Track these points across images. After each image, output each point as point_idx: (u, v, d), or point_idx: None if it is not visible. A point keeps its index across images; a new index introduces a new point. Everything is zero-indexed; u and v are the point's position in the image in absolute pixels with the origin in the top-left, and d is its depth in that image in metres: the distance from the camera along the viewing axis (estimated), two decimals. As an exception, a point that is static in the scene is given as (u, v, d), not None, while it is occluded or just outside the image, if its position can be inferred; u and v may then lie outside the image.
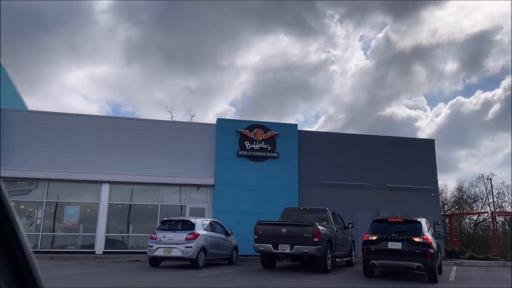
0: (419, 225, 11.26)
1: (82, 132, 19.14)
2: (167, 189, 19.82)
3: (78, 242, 19.02)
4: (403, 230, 11.17)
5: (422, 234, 10.88)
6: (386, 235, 11.10)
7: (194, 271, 12.39)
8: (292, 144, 20.98)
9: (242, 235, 16.63)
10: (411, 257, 10.63)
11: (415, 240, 10.74)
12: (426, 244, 10.65)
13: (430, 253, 10.52)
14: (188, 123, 25.57)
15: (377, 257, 11.11)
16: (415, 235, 10.86)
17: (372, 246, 11.24)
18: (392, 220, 11.89)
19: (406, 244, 10.72)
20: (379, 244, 11.07)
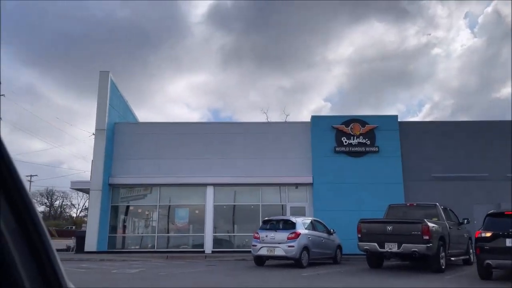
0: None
1: (188, 139, 20.46)
2: (267, 189, 20.18)
3: (189, 242, 20.33)
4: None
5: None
6: (503, 231, 9.79)
7: (298, 270, 12.39)
8: (393, 137, 19.85)
9: (345, 234, 16.19)
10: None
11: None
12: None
13: None
14: (283, 123, 25.76)
15: (494, 256, 9.83)
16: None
17: (486, 244, 10.03)
18: (510, 214, 10.35)
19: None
20: (495, 241, 9.85)
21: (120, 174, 19.81)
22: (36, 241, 0.66)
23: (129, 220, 21.08)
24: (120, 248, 19.96)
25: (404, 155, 19.69)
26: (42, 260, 0.65)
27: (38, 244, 0.66)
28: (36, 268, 0.64)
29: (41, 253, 0.66)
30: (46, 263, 0.65)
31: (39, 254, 0.65)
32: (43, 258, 0.65)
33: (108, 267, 13.47)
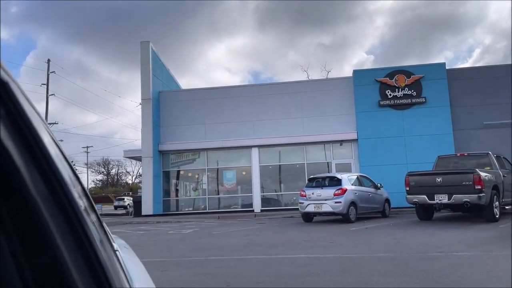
0: None
1: (231, 102, 20.76)
2: (311, 147, 20.25)
3: (239, 202, 21.05)
4: None
5: None
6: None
7: (346, 225, 12.61)
8: (441, 86, 19.03)
9: (394, 188, 16.12)
10: None
11: None
12: None
13: None
14: (324, 80, 25.32)
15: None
16: None
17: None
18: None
19: None
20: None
21: (169, 140, 20.58)
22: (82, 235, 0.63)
23: (181, 184, 22.06)
24: (175, 210, 21.08)
25: (453, 104, 18.90)
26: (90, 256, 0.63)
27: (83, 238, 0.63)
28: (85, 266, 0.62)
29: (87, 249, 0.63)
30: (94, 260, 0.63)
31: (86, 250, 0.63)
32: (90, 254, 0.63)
33: (164, 228, 14.36)
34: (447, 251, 7.43)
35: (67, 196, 0.63)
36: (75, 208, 0.64)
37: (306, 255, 7.53)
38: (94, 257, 0.64)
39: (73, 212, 0.64)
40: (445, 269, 6.09)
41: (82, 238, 0.63)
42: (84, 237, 0.63)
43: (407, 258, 6.93)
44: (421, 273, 5.87)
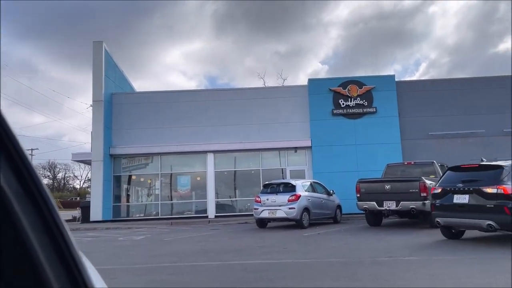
0: (498, 172, 8.50)
1: (186, 106, 20.49)
2: (266, 153, 20.41)
3: (192, 208, 20.76)
4: (475, 179, 8.73)
5: (499, 183, 8.19)
6: (453, 187, 8.95)
7: (299, 230, 12.78)
8: (390, 97, 19.87)
9: (345, 194, 16.58)
10: (481, 213, 8.30)
11: (486, 191, 8.27)
12: (502, 195, 8.05)
13: (509, 207, 7.91)
14: (280, 87, 25.67)
15: (442, 214, 9.05)
16: (488, 184, 8.33)
17: (437, 200, 9.27)
18: (466, 167, 9.36)
19: (474, 197, 8.47)
20: (445, 197, 9.06)
21: (121, 144, 19.95)
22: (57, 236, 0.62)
23: (132, 189, 21.43)
24: (125, 216, 20.42)
25: (402, 115, 19.79)
26: (65, 256, 0.62)
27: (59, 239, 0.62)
28: (61, 266, 0.61)
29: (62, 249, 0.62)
30: (70, 259, 0.62)
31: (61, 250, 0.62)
32: (65, 254, 0.62)
33: (114, 235, 13.86)
34: (395, 255, 7.71)
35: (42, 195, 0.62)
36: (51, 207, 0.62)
37: (260, 261, 7.53)
38: (69, 255, 0.62)
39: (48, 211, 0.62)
40: (393, 273, 6.31)
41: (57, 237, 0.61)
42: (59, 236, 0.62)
43: (358, 263, 7.11)
44: (371, 277, 6.05)
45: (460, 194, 8.74)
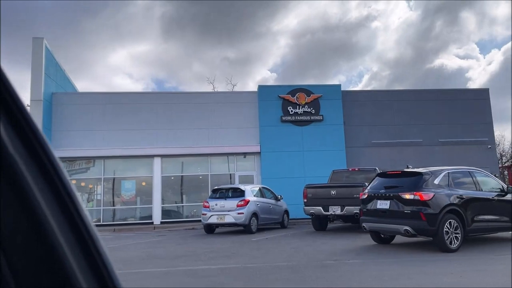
0: (416, 179, 8.78)
1: (133, 109, 19.86)
2: (215, 158, 20.29)
3: (136, 214, 20.11)
4: (396, 185, 8.99)
5: (416, 190, 8.45)
6: (377, 192, 9.21)
7: (247, 235, 12.81)
8: (336, 106, 20.57)
9: (292, 200, 16.87)
10: (399, 218, 8.55)
11: (404, 197, 8.52)
12: (418, 201, 8.32)
13: (425, 213, 8.20)
14: (230, 93, 25.72)
15: (368, 219, 9.29)
16: (406, 191, 8.59)
17: (364, 206, 9.53)
18: (390, 174, 9.67)
19: (394, 203, 8.73)
20: (370, 203, 9.29)
21: (61, 146, 18.91)
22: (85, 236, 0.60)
23: (73, 194, 20.33)
24: (64, 223, 19.33)
25: (346, 123, 20.54)
26: (93, 254, 0.59)
27: (88, 239, 0.60)
28: (88, 265, 0.59)
29: (89, 246, 0.59)
30: (98, 259, 0.60)
31: (90, 251, 0.59)
32: (93, 253, 0.59)
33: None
34: (340, 259, 7.96)
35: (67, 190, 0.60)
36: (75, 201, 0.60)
37: (209, 266, 7.46)
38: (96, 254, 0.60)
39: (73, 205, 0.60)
40: (339, 275, 6.51)
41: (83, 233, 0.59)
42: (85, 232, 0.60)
43: (305, 266, 7.25)
44: (318, 280, 6.19)
45: (383, 200, 8.99)
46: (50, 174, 0.59)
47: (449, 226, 8.30)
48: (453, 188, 8.82)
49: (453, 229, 8.34)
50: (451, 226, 8.33)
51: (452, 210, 8.46)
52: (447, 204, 8.41)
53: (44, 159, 0.59)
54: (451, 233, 8.31)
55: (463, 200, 8.71)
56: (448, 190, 8.70)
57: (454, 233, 8.36)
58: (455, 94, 22.08)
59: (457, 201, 8.60)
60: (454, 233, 8.36)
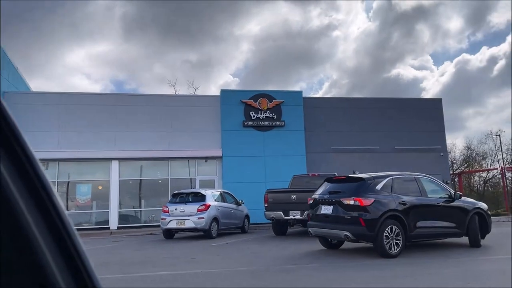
0: (358, 184, 8.81)
1: (90, 110, 19.20)
2: (176, 163, 19.98)
3: (92, 219, 19.41)
4: (339, 190, 9.00)
5: (357, 195, 8.49)
6: (322, 198, 9.23)
7: (208, 240, 12.67)
8: (297, 112, 20.86)
9: (253, 204, 16.89)
10: (341, 224, 8.55)
11: (345, 202, 8.55)
12: (358, 207, 8.34)
13: (364, 219, 8.20)
14: (192, 96, 25.47)
15: (313, 224, 9.30)
16: (347, 196, 8.61)
17: (311, 211, 9.59)
18: (336, 179, 9.68)
19: (336, 208, 8.73)
20: (315, 208, 9.32)
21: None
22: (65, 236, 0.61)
23: (23, 198, 19.35)
24: (13, 228, 18.34)
25: (307, 129, 20.86)
26: (73, 257, 0.60)
27: (67, 239, 0.61)
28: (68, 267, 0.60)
29: (70, 249, 0.61)
30: (78, 261, 0.61)
31: (69, 251, 0.61)
32: (73, 255, 0.61)
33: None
34: (299, 263, 8.03)
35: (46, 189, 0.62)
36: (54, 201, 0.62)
37: (167, 272, 7.29)
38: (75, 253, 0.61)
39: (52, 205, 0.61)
40: (298, 279, 6.56)
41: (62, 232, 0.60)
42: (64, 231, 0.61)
43: (265, 271, 7.25)
44: (278, 285, 6.20)
45: (326, 205, 8.96)
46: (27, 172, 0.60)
47: (389, 231, 8.29)
48: (396, 194, 8.78)
49: (394, 235, 8.32)
50: (392, 231, 8.32)
51: (393, 216, 8.43)
52: (388, 210, 8.37)
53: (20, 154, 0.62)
54: (392, 239, 8.29)
55: (406, 206, 8.66)
56: (390, 196, 8.67)
57: (395, 239, 8.34)
58: (410, 103, 23.00)
59: (399, 207, 8.56)
60: (395, 239, 8.34)
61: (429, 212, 9.12)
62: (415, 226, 8.71)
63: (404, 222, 8.48)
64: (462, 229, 9.46)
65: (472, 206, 9.88)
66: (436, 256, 8.55)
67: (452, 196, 9.64)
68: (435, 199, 9.42)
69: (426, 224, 8.95)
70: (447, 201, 9.52)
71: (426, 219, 8.97)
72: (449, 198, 9.61)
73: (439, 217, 9.25)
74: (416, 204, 8.92)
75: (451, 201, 9.56)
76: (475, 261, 7.95)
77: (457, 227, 9.43)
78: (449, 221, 9.34)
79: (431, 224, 9.07)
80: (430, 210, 9.15)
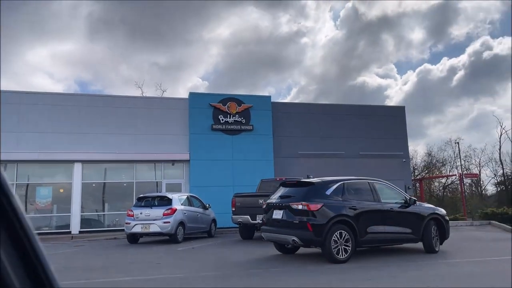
0: (307, 189, 8.72)
1: (52, 111, 18.55)
2: (141, 166, 19.60)
3: (52, 223, 18.71)
4: (290, 195, 8.91)
5: (305, 200, 8.36)
6: (274, 202, 9.12)
7: (173, 245, 12.48)
8: (266, 116, 20.97)
9: (220, 208, 16.80)
10: (290, 228, 8.44)
11: (294, 207, 8.44)
12: (306, 212, 8.22)
13: (311, 224, 8.09)
14: (160, 98, 25.09)
15: (266, 228, 9.20)
16: (297, 200, 8.50)
17: (264, 215, 9.51)
18: (289, 183, 9.62)
19: (286, 213, 8.62)
20: (269, 213, 9.23)
21: (-35, 148, 17.09)
22: (22, 237, 0.61)
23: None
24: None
25: (275, 134, 21.01)
26: (31, 257, 0.60)
27: (24, 240, 0.61)
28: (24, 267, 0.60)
29: (28, 250, 0.61)
30: (35, 261, 0.61)
31: (27, 251, 0.61)
32: (31, 256, 0.61)
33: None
34: (265, 267, 8.04)
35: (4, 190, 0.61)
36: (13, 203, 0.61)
37: (131, 277, 7.12)
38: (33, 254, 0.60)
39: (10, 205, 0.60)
40: (265, 283, 6.56)
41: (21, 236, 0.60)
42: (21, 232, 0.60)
43: (231, 276, 7.22)
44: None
45: (278, 210, 8.85)
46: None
47: (338, 236, 8.18)
48: (346, 198, 8.68)
49: (343, 240, 8.20)
50: (341, 237, 8.20)
51: (343, 221, 8.32)
52: (337, 215, 8.26)
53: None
54: (340, 244, 8.18)
55: (356, 211, 8.53)
56: (341, 200, 8.58)
57: (344, 244, 8.22)
58: (375, 110, 23.63)
59: (349, 212, 8.44)
60: (344, 244, 8.22)
61: (382, 217, 8.97)
62: (366, 232, 8.58)
63: (354, 227, 8.36)
64: (417, 235, 9.36)
65: (428, 212, 9.77)
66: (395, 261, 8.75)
67: (407, 202, 9.53)
68: (388, 204, 9.25)
69: (377, 230, 8.81)
70: (402, 206, 9.40)
71: (378, 225, 8.83)
72: (405, 203, 9.50)
73: (393, 222, 9.10)
74: (367, 209, 8.77)
75: (406, 207, 9.45)
76: (436, 264, 8.22)
77: (413, 233, 9.31)
78: (404, 227, 9.22)
79: (383, 230, 8.93)
80: (382, 215, 8.99)
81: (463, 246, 11.17)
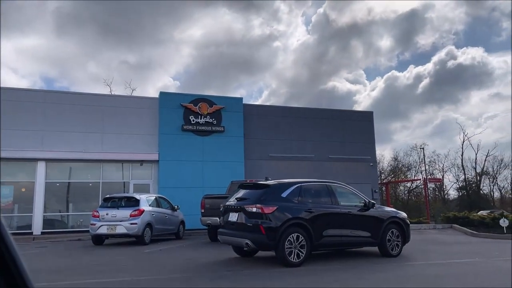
0: (262, 191, 8.55)
1: (14, 107, 17.80)
2: (108, 165, 19.14)
3: (13, 224, 17.96)
4: (245, 197, 8.74)
5: (259, 202, 8.22)
6: (231, 205, 8.94)
7: (140, 247, 12.23)
8: (237, 118, 20.94)
9: (189, 210, 16.64)
10: (244, 231, 8.32)
11: (248, 210, 8.30)
12: (260, 215, 8.08)
13: (265, 227, 7.96)
14: (129, 97, 24.61)
15: (222, 231, 9.07)
16: (251, 203, 8.37)
17: (222, 218, 9.29)
18: (245, 185, 9.47)
19: (241, 216, 8.45)
20: (225, 215, 9.01)
21: None
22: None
23: None
24: None
25: (247, 136, 21.02)
26: (4, 257, 0.63)
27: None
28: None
29: (2, 249, 0.63)
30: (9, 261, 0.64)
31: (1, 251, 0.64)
32: (5, 257, 0.63)
33: None
34: (234, 269, 8.00)
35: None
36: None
37: (95, 280, 6.92)
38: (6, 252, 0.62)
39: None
40: (234, 286, 6.52)
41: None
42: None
43: (200, 278, 7.14)
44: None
45: (233, 212, 8.67)
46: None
47: (293, 240, 8.05)
48: (303, 201, 8.53)
49: (298, 244, 8.09)
50: (296, 240, 8.08)
51: (298, 224, 8.19)
52: (291, 217, 8.12)
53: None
54: (294, 247, 8.06)
55: (312, 214, 8.39)
56: (296, 203, 8.42)
57: (299, 247, 8.10)
58: (344, 114, 24.05)
59: (305, 214, 8.30)
60: (299, 247, 8.10)
61: (339, 220, 8.82)
62: (322, 235, 8.46)
63: (310, 231, 8.23)
64: (376, 239, 9.27)
65: (387, 215, 9.65)
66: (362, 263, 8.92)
67: (367, 205, 9.38)
68: (347, 207, 9.11)
69: (334, 233, 8.68)
70: (362, 209, 9.27)
71: (334, 228, 8.69)
72: (364, 206, 9.36)
73: (350, 226, 8.96)
74: (323, 212, 8.62)
75: (366, 210, 9.32)
76: (401, 266, 8.42)
77: (371, 236, 9.22)
78: (362, 230, 9.11)
79: (340, 233, 8.79)
80: (339, 218, 8.84)
81: (426, 248, 11.50)
